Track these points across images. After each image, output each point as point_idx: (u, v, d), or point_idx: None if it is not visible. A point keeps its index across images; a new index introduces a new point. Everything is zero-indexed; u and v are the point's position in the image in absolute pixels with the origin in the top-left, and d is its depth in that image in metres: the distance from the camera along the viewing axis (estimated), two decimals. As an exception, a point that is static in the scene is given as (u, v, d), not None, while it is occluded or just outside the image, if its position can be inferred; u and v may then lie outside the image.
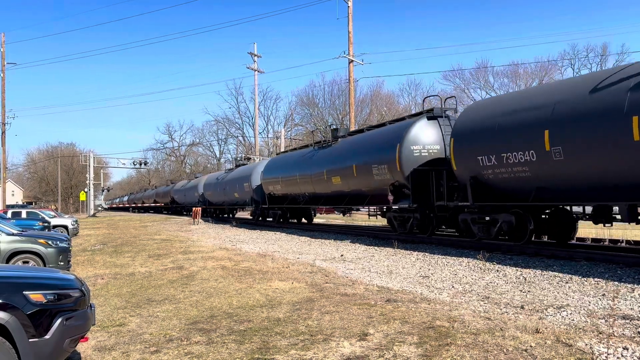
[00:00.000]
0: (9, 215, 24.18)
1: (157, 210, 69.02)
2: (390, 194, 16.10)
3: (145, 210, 75.41)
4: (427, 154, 15.53)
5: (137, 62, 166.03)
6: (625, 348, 5.00)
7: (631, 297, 7.39)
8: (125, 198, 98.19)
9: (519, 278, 9.30)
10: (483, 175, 12.74)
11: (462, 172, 13.43)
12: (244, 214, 40.68)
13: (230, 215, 38.43)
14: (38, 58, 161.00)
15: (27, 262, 10.69)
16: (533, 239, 13.25)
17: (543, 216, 13.03)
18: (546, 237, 13.97)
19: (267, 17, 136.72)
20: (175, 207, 56.00)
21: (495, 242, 13.45)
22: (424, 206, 15.43)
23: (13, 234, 11.11)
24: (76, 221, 26.73)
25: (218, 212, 40.21)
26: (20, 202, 77.22)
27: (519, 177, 11.77)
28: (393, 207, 16.90)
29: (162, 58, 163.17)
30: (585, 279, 8.83)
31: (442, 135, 15.66)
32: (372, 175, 16.92)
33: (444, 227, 16.51)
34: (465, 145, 13.22)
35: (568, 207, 12.70)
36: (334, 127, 24.30)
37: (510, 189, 12.33)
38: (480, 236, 13.61)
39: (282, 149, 49.45)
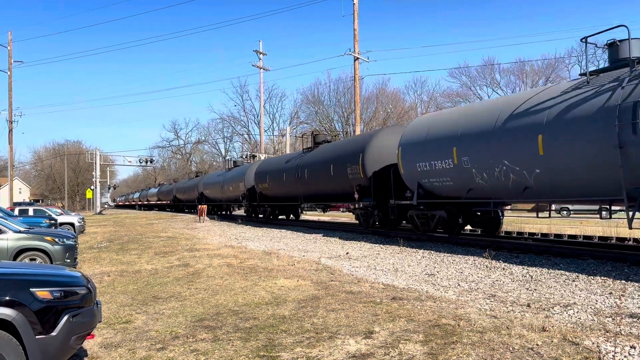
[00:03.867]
0: (16, 212, 24.33)
1: (161, 207, 69.08)
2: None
3: (151, 207, 75.01)
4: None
5: (143, 60, 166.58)
6: (632, 347, 4.96)
7: (638, 295, 7.34)
8: (132, 196, 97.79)
9: (525, 276, 9.27)
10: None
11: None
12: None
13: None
14: (45, 56, 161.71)
15: (34, 260, 10.75)
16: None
17: (478, 213, 15.63)
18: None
19: (272, 14, 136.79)
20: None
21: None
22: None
23: (20, 232, 11.17)
24: (83, 219, 26.85)
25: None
26: (27, 200, 77.62)
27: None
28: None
29: (168, 56, 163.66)
30: (592, 277, 8.78)
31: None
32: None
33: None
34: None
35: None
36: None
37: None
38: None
39: (288, 147, 49.52)
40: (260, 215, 30.30)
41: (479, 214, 15.73)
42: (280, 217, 29.86)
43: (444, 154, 13.88)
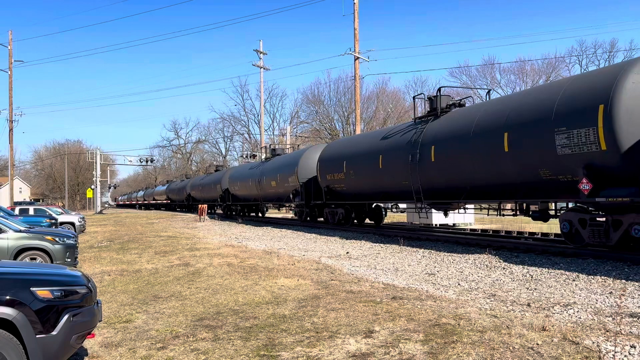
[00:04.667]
0: (16, 212, 24.34)
1: (169, 208, 66.59)
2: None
3: (157, 207, 72.44)
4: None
5: (143, 60, 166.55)
6: (632, 346, 4.97)
7: (638, 295, 7.34)
8: (135, 194, 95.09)
9: (525, 276, 9.27)
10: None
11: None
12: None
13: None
14: (45, 56, 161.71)
15: (35, 259, 10.75)
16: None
17: (370, 208, 21.51)
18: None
19: (272, 14, 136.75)
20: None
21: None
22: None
23: (20, 231, 11.18)
24: (83, 218, 26.85)
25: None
26: (27, 199, 77.63)
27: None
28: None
29: (168, 55, 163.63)
30: (592, 276, 8.78)
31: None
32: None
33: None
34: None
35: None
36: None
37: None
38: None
39: (288, 146, 49.55)
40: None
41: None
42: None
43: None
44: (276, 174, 26.28)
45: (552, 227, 20.49)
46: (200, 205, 33.93)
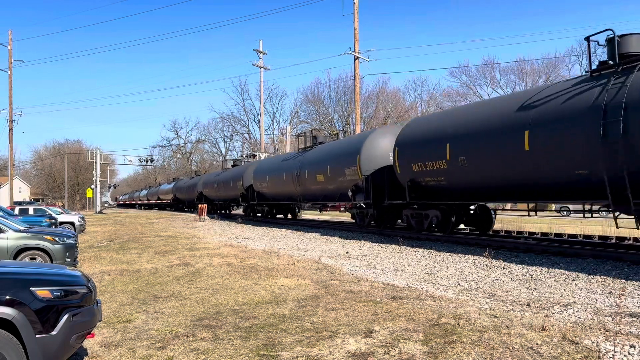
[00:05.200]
0: (16, 211, 24.34)
1: (178, 208, 65.12)
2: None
3: (163, 207, 68.46)
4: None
5: (143, 59, 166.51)
6: (632, 346, 4.97)
7: (638, 294, 7.34)
8: (137, 193, 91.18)
9: (525, 275, 9.27)
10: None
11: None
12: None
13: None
14: (45, 55, 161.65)
15: (34, 259, 10.75)
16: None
17: (471, 211, 15.80)
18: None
19: (272, 13, 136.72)
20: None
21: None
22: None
23: (20, 231, 11.17)
24: (83, 218, 26.86)
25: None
26: (27, 199, 77.63)
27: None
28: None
29: (168, 55, 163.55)
30: (592, 276, 8.79)
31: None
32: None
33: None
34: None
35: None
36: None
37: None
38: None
39: (288, 146, 49.50)
40: (259, 214, 30.82)
41: (472, 212, 15.74)
42: (278, 216, 30.34)
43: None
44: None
45: (552, 226, 20.49)
46: (199, 205, 33.90)
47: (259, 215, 30.68)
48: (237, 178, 33.23)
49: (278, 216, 30.15)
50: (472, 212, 15.77)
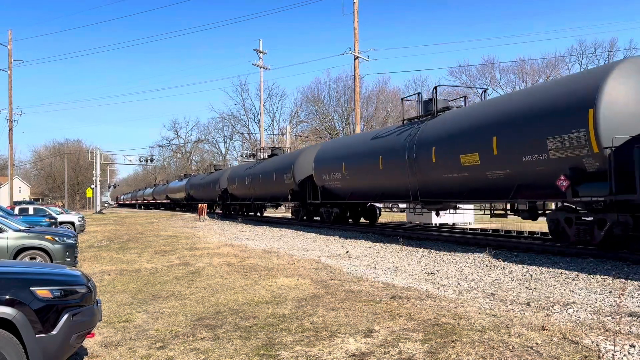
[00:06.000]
0: (16, 211, 24.33)
1: (169, 207, 61.56)
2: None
3: (172, 208, 62.38)
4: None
5: (143, 59, 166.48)
6: (632, 345, 4.97)
7: (638, 294, 7.34)
8: (141, 192, 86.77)
9: (525, 275, 9.27)
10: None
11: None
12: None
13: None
14: (45, 55, 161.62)
15: (34, 258, 10.74)
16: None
17: (365, 208, 22.65)
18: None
19: (272, 13, 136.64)
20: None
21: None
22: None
23: (20, 230, 11.17)
24: (83, 217, 26.85)
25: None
26: (27, 199, 77.55)
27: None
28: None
29: (168, 55, 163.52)
30: (591, 276, 8.79)
31: None
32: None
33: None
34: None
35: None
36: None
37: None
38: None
39: (288, 146, 49.47)
40: (232, 212, 37.64)
41: (360, 209, 22.93)
42: (249, 213, 35.78)
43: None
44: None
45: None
46: (200, 205, 33.93)
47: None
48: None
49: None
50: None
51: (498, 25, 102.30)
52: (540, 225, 20.50)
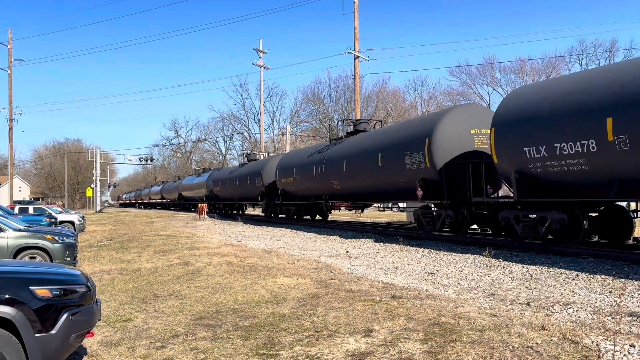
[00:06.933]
0: (16, 211, 24.33)
1: (184, 208, 54.83)
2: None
3: (185, 208, 54.13)
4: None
5: (143, 59, 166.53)
6: (632, 345, 4.96)
7: (638, 294, 7.34)
8: (146, 191, 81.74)
9: (525, 275, 9.27)
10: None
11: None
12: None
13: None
14: (45, 54, 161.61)
15: (34, 258, 10.74)
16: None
17: (318, 207, 24.28)
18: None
19: (272, 13, 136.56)
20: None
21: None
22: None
23: (20, 230, 11.17)
24: (83, 217, 26.84)
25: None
26: (27, 198, 77.56)
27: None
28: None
29: (168, 55, 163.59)
30: (591, 275, 8.78)
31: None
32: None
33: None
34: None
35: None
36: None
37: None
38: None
39: (288, 146, 49.43)
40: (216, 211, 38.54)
41: (312, 208, 25.21)
42: (233, 212, 38.24)
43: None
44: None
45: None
46: (199, 205, 33.93)
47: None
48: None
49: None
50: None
51: (498, 25, 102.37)
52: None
